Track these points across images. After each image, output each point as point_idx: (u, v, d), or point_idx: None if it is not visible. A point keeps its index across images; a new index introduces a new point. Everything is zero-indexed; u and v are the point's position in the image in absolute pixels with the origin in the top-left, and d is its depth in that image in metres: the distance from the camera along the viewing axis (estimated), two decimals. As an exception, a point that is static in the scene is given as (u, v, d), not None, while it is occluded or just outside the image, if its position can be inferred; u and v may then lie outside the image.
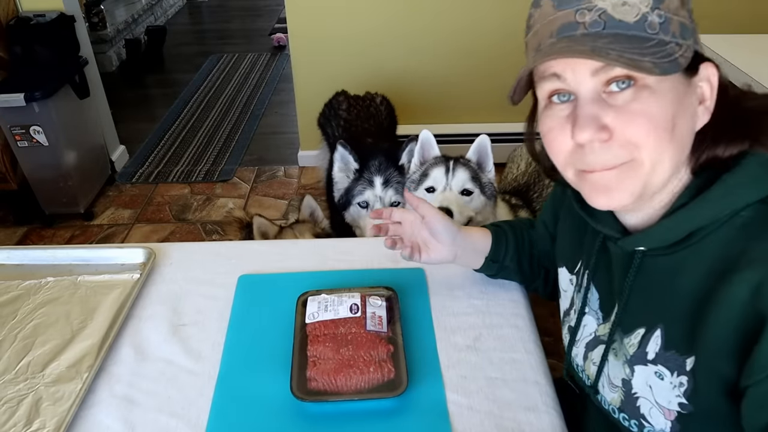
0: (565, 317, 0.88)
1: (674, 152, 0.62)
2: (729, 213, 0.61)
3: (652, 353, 0.69)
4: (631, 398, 0.73)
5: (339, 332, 0.93)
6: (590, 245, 0.80)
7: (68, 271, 1.15)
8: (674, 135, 0.61)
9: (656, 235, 0.66)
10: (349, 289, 1.02)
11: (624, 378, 0.74)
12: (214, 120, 3.64)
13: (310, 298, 1.01)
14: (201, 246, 1.27)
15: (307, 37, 2.74)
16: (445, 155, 1.58)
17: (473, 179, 1.51)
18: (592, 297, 0.81)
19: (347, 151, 1.72)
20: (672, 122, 0.60)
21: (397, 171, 1.72)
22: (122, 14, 4.66)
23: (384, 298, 1.00)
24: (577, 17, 0.60)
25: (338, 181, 1.78)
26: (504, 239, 1.01)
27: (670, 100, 0.60)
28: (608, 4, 0.59)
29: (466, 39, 2.73)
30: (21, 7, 2.60)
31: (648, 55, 0.57)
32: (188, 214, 2.76)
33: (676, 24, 0.59)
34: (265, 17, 5.50)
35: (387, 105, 2.38)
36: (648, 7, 0.58)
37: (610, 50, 0.57)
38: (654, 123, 0.59)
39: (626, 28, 0.58)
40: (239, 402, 0.88)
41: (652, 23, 0.58)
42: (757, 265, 0.58)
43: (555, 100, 0.65)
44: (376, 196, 1.69)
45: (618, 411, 0.76)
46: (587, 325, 0.81)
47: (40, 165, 2.52)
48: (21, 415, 0.86)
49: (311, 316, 0.97)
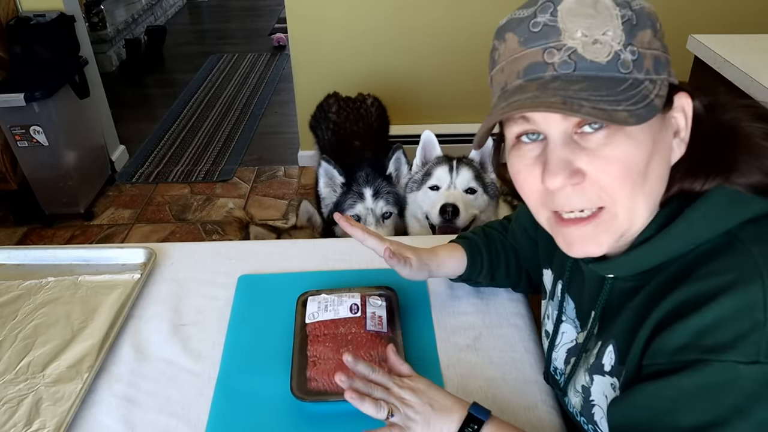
0: (544, 319, 0.89)
1: (648, 197, 0.60)
2: (692, 247, 0.60)
3: (608, 366, 0.70)
4: (588, 404, 0.75)
5: (339, 332, 0.94)
6: (563, 258, 0.80)
7: (69, 271, 1.15)
8: (648, 179, 0.59)
9: (623, 265, 0.66)
10: (349, 289, 1.02)
11: (584, 385, 0.75)
12: (214, 120, 3.64)
13: (310, 298, 1.01)
14: (201, 246, 1.27)
15: (307, 37, 2.74)
16: (447, 155, 1.58)
17: (477, 178, 1.52)
18: (568, 306, 0.82)
19: (331, 165, 1.68)
20: (647, 165, 0.58)
21: (385, 181, 1.68)
22: (122, 14, 4.66)
23: (384, 298, 1.00)
24: (545, 57, 0.56)
25: (325, 197, 1.74)
26: (479, 258, 0.99)
27: (644, 142, 0.57)
28: (578, 43, 0.55)
29: (466, 39, 2.73)
30: (21, 7, 2.60)
31: (623, 102, 0.54)
32: (188, 214, 2.76)
33: (649, 59, 0.56)
34: (265, 17, 5.50)
35: (378, 106, 2.36)
36: (620, 44, 0.55)
37: (583, 101, 0.53)
38: (628, 169, 0.57)
39: (598, 69, 0.55)
40: (239, 402, 0.88)
41: (625, 62, 0.55)
42: (689, 283, 0.58)
43: (524, 140, 0.62)
44: (367, 209, 1.65)
45: (579, 415, 0.78)
46: (566, 332, 0.82)
47: (40, 165, 2.52)
48: (21, 415, 0.86)
49: (311, 316, 0.97)
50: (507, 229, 1.04)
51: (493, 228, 1.05)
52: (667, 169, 0.62)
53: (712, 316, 0.55)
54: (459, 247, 1.00)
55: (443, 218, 1.46)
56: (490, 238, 1.03)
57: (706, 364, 0.55)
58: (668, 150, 0.61)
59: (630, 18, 0.56)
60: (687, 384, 0.56)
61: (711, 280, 0.57)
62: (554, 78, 0.56)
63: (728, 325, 0.54)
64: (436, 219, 1.49)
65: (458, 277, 1.01)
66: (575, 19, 0.56)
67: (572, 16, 0.56)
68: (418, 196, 1.58)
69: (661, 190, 0.62)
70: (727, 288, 0.55)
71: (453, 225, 1.47)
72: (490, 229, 1.05)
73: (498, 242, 1.02)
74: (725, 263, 0.57)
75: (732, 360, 0.54)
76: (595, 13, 0.55)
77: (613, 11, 0.56)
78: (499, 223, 1.07)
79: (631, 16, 0.56)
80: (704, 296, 0.56)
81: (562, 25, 0.56)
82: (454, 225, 1.47)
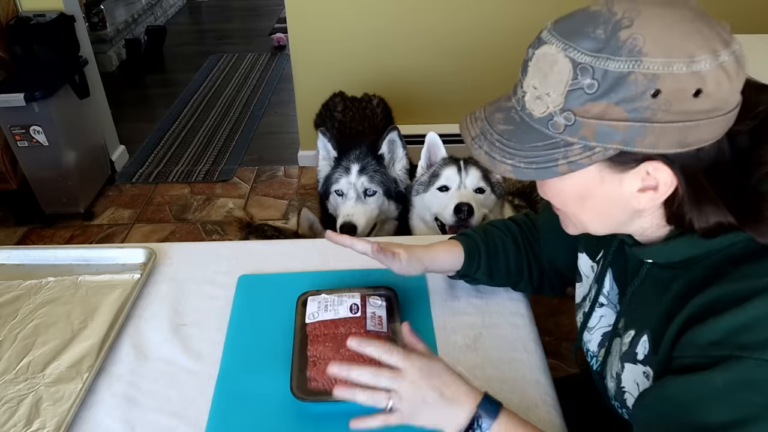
0: (582, 302, 0.89)
1: (599, 222, 0.69)
2: (728, 243, 0.62)
3: (641, 355, 0.72)
4: (620, 391, 0.77)
5: (339, 332, 0.93)
6: (609, 241, 0.82)
7: (69, 271, 1.15)
8: (587, 209, 0.67)
9: (661, 252, 0.68)
10: (349, 289, 1.02)
11: (617, 371, 0.77)
12: (214, 120, 3.64)
13: (310, 298, 1.01)
14: (201, 246, 1.27)
15: (307, 37, 2.74)
16: (453, 156, 1.57)
17: (484, 178, 1.52)
18: (611, 291, 0.82)
19: (326, 138, 1.74)
20: (581, 201, 0.66)
21: (375, 160, 1.71)
22: (122, 14, 4.66)
23: (384, 298, 1.00)
24: (516, 87, 0.65)
25: (321, 170, 1.79)
26: (476, 254, 1.00)
27: (575, 185, 0.64)
28: (529, 92, 0.61)
29: (467, 39, 2.73)
30: (21, 7, 2.60)
31: (518, 157, 0.62)
32: (188, 214, 2.76)
33: (591, 128, 0.57)
34: (265, 17, 5.49)
35: (384, 107, 2.36)
36: (557, 107, 0.59)
37: (485, 144, 0.65)
38: (563, 199, 0.68)
39: (532, 120, 0.62)
40: (239, 402, 0.88)
41: (557, 124, 0.59)
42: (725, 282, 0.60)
43: None
44: (350, 183, 1.68)
45: (614, 399, 0.80)
46: (605, 316, 0.83)
47: (40, 165, 2.52)
48: (21, 415, 0.86)
49: (311, 316, 0.97)
50: (509, 228, 1.04)
51: (495, 226, 1.05)
52: (624, 213, 0.65)
53: (746, 316, 0.57)
54: (456, 243, 1.01)
55: (458, 218, 1.45)
56: (490, 234, 1.03)
57: (739, 360, 0.56)
58: (619, 200, 0.64)
59: (585, 87, 0.56)
60: (718, 380, 0.57)
61: (747, 281, 0.59)
62: (505, 109, 0.65)
63: (763, 325, 0.56)
64: (450, 219, 1.47)
65: (456, 273, 1.01)
66: (535, 71, 0.61)
67: (535, 67, 0.61)
68: (426, 198, 1.57)
69: (619, 221, 0.67)
70: (762, 290, 0.57)
71: (467, 224, 1.46)
72: (491, 227, 1.05)
73: (498, 240, 1.02)
74: (762, 266, 0.59)
75: (765, 359, 0.55)
76: (549, 73, 0.59)
77: (565, 78, 0.57)
78: (502, 222, 1.07)
79: (590, 85, 0.56)
80: (740, 296, 0.58)
81: (530, 69, 0.61)
82: (468, 224, 1.46)
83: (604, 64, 0.55)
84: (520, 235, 1.03)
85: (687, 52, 0.54)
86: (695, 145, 0.57)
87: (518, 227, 1.04)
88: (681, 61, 0.53)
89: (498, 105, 0.67)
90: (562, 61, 0.57)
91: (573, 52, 0.57)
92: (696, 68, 0.54)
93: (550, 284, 1.04)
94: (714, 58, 0.54)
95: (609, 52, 0.55)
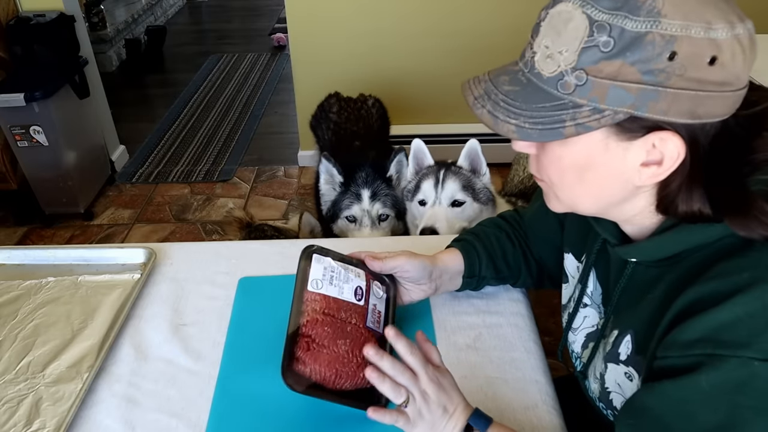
0: (567, 303, 0.89)
1: (591, 199, 0.66)
2: (713, 239, 0.61)
3: (623, 355, 0.71)
4: (605, 392, 0.77)
5: (340, 317, 0.88)
6: (593, 242, 0.82)
7: (69, 271, 1.15)
8: (583, 182, 0.64)
9: (646, 250, 0.67)
10: (356, 265, 0.96)
11: (600, 372, 0.77)
12: (214, 120, 3.64)
13: (315, 256, 0.93)
14: (201, 246, 1.27)
15: (307, 37, 2.74)
16: (438, 162, 1.54)
17: (464, 188, 1.48)
18: (595, 291, 0.82)
19: (331, 163, 1.68)
20: (579, 172, 0.63)
21: (385, 183, 1.68)
22: (122, 14, 4.66)
23: (384, 288, 0.97)
24: (525, 49, 0.63)
25: (324, 194, 1.75)
26: (473, 251, 0.99)
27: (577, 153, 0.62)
28: (539, 51, 0.60)
29: (467, 39, 2.73)
30: (21, 7, 2.60)
31: (523, 117, 0.60)
32: (188, 214, 2.76)
33: (603, 88, 0.56)
34: (265, 17, 5.49)
35: (379, 107, 2.35)
36: (569, 65, 0.57)
37: (488, 103, 0.63)
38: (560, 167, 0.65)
39: (540, 81, 0.60)
40: (239, 402, 0.88)
41: (567, 84, 0.57)
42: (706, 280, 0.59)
43: None
44: (363, 210, 1.65)
45: (598, 400, 0.80)
46: (589, 316, 0.83)
47: (40, 165, 2.52)
48: (21, 415, 0.86)
49: (314, 284, 0.90)
50: (499, 225, 1.04)
51: (484, 225, 1.06)
52: (621, 187, 0.63)
53: (727, 314, 0.56)
54: (451, 248, 1.01)
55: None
56: (481, 233, 1.03)
57: (721, 359, 0.55)
58: (619, 174, 0.62)
59: (600, 44, 0.55)
60: (704, 382, 0.56)
61: (728, 278, 0.58)
62: (511, 72, 0.63)
63: (744, 323, 0.55)
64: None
65: (462, 278, 1.00)
66: (548, 30, 0.59)
67: (548, 26, 0.59)
68: (412, 208, 1.57)
69: (614, 199, 0.65)
70: (744, 287, 0.56)
71: None
72: (481, 226, 1.06)
73: (492, 236, 1.02)
74: (743, 262, 0.58)
75: (747, 356, 0.54)
76: (563, 30, 0.57)
77: (581, 35, 0.56)
78: (489, 220, 1.08)
79: (606, 42, 0.55)
80: (721, 294, 0.57)
81: (542, 29, 0.60)
82: None
83: (622, 22, 0.54)
84: (510, 230, 1.03)
85: (705, 18, 0.53)
86: (704, 119, 0.56)
87: (507, 222, 1.05)
88: (699, 25, 0.53)
89: (504, 69, 0.65)
90: (579, 17, 0.56)
91: (590, 9, 0.55)
92: (713, 35, 0.53)
93: (549, 277, 1.03)
94: (730, 28, 0.54)
95: (627, 10, 0.54)
